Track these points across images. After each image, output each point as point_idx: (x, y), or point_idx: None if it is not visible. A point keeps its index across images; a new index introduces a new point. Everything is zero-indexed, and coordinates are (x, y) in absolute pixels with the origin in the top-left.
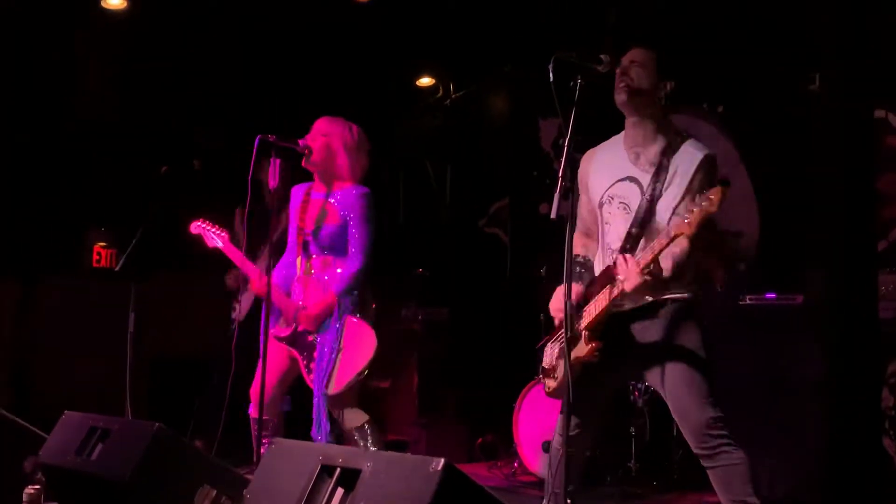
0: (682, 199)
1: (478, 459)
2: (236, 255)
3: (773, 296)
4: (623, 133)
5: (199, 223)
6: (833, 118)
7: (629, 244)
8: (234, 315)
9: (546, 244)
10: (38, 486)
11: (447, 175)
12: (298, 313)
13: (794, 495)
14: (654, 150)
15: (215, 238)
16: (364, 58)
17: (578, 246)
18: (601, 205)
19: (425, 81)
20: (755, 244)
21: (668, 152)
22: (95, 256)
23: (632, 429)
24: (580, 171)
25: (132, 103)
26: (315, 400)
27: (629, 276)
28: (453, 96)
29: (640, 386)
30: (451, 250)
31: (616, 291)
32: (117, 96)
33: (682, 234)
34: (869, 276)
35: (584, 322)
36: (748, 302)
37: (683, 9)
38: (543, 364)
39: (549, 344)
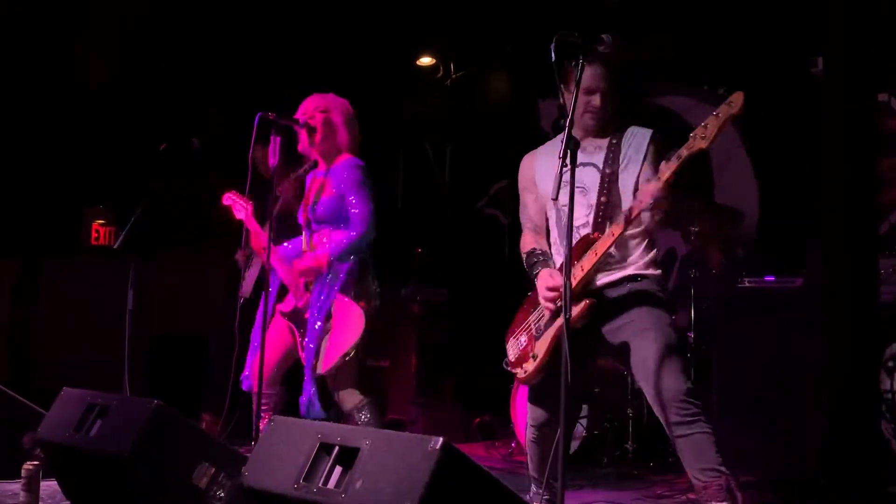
0: (640, 171)
1: (475, 439)
2: (254, 227)
3: (772, 278)
4: (558, 136)
5: (230, 195)
6: (835, 101)
7: (601, 213)
8: (240, 292)
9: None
10: (36, 462)
11: (447, 155)
12: (291, 270)
13: (792, 478)
14: (599, 141)
15: (241, 209)
16: (364, 37)
17: (531, 243)
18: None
19: (426, 61)
20: (755, 226)
21: (617, 136)
22: (94, 234)
23: (629, 410)
24: (524, 172)
25: (131, 81)
26: (305, 375)
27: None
28: (453, 76)
29: None
30: (451, 231)
31: (614, 231)
32: (116, 74)
33: (698, 149)
34: (870, 260)
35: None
36: (747, 284)
37: None
38: (510, 358)
39: (510, 338)
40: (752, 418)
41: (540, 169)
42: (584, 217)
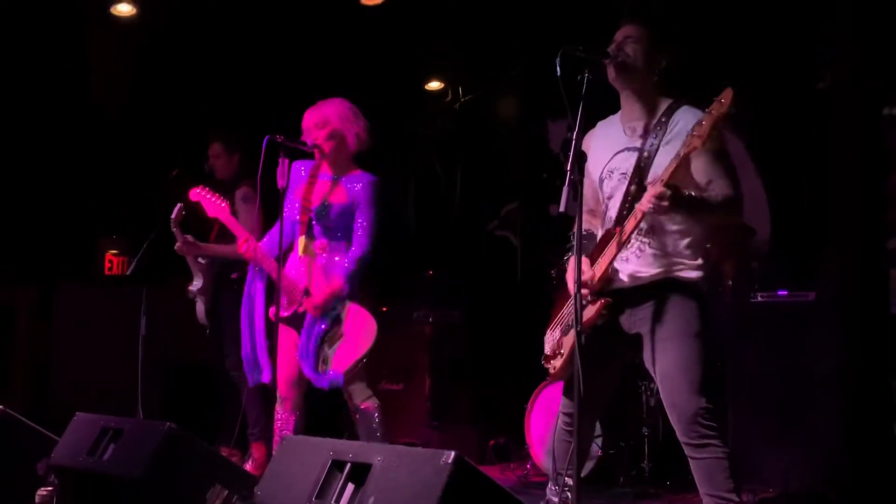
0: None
1: (490, 461)
2: (233, 224)
3: (785, 293)
4: (620, 111)
5: (197, 190)
6: (843, 116)
7: (627, 203)
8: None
9: (556, 246)
10: (50, 489)
11: (457, 178)
12: (304, 300)
13: (810, 490)
14: (651, 121)
15: (216, 207)
16: (373, 62)
17: (583, 222)
18: (602, 181)
19: (434, 86)
20: (766, 242)
21: (669, 113)
22: (107, 264)
23: (645, 429)
24: None
25: (141, 110)
26: (306, 373)
27: (650, 190)
28: (462, 100)
29: (651, 386)
30: (463, 253)
31: (622, 239)
32: (126, 104)
33: (693, 148)
34: (880, 272)
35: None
36: (760, 299)
37: (692, 8)
38: (546, 351)
39: (548, 331)
40: (768, 433)
41: (592, 148)
42: (618, 208)
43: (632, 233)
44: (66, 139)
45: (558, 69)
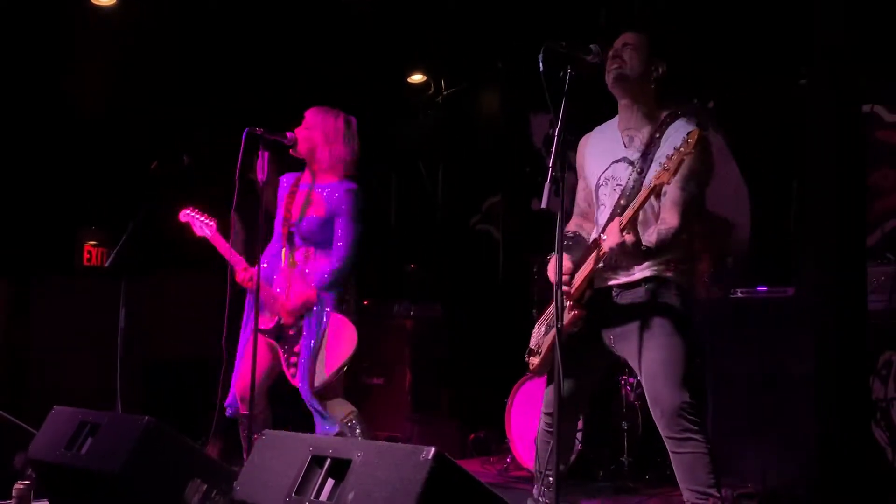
0: None
1: (470, 455)
2: (223, 245)
3: (765, 288)
4: (617, 116)
5: (187, 211)
6: (823, 112)
7: (615, 215)
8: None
9: (538, 240)
10: (27, 482)
11: (439, 172)
12: (279, 305)
13: (787, 489)
14: (647, 131)
15: (203, 227)
16: (355, 55)
17: (573, 225)
18: (597, 187)
19: (417, 79)
20: (747, 238)
21: (662, 128)
22: (86, 255)
23: (624, 424)
24: (577, 155)
25: (121, 100)
26: (304, 397)
27: (609, 233)
28: (445, 93)
29: (631, 381)
30: (444, 247)
31: (599, 254)
32: (106, 94)
33: (661, 182)
34: (858, 269)
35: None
36: (739, 295)
37: (674, 5)
38: (530, 345)
39: (536, 325)
40: (746, 428)
41: (588, 153)
42: (607, 217)
43: (596, 264)
44: (44, 128)
45: (541, 65)
